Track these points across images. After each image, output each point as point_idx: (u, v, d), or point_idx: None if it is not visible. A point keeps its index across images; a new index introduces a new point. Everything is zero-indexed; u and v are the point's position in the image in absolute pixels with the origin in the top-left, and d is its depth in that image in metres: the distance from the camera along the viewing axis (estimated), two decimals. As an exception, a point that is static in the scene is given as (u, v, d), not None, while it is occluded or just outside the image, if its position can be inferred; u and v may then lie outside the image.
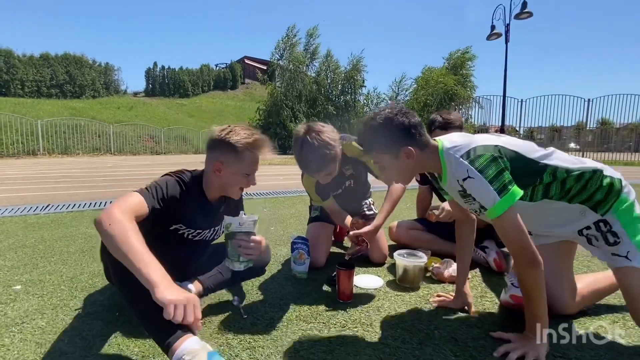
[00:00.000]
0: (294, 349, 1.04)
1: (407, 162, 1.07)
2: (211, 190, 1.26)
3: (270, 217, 2.93)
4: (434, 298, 1.35)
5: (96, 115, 18.77)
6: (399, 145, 1.05)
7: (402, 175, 1.14)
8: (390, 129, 1.04)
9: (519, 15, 10.30)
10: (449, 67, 16.70)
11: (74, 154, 14.61)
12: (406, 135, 1.04)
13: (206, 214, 1.29)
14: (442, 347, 1.05)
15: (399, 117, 1.04)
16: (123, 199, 1.01)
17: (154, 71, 31.10)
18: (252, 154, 1.20)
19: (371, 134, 1.08)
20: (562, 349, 1.03)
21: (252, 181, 1.26)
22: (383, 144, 1.07)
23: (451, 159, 1.03)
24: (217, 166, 1.20)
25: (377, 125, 1.06)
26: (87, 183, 5.75)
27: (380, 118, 1.06)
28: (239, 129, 1.20)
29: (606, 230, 1.07)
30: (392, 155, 1.07)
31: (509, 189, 0.95)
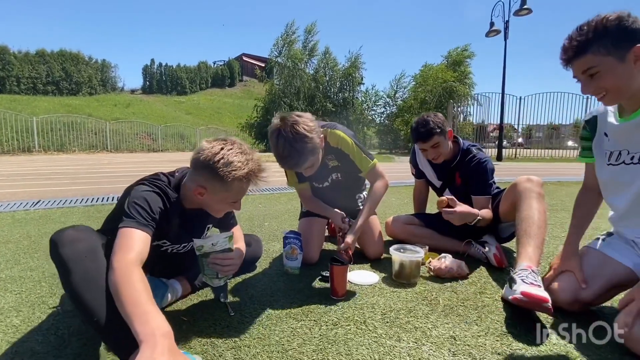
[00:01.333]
0: (282, 348, 0.98)
1: (632, 69, 0.94)
2: (190, 201, 1.13)
3: (264, 213, 2.87)
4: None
5: (93, 112, 18.61)
6: (629, 45, 0.92)
7: (619, 85, 0.97)
8: (623, 27, 0.92)
9: (518, 12, 10.23)
10: (448, 64, 16.65)
11: (69, 151, 14.49)
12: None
13: (189, 226, 1.19)
14: (440, 345, 0.99)
15: (632, 18, 0.92)
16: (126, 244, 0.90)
17: (151, 68, 30.91)
18: (242, 184, 1.05)
19: (593, 32, 0.94)
20: (563, 348, 0.98)
21: (237, 207, 1.14)
22: (609, 43, 0.93)
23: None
24: (199, 190, 1.06)
25: (604, 23, 0.93)
26: (81, 179, 5.67)
27: (609, 16, 0.93)
28: (233, 155, 1.02)
29: None
30: (618, 58, 0.93)
31: None
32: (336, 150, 1.60)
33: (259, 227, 2.40)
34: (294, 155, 1.31)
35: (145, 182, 1.07)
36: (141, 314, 0.75)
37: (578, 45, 0.97)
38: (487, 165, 1.72)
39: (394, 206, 3.18)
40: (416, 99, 16.26)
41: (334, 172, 1.73)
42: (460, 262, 1.51)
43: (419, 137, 1.69)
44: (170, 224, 1.10)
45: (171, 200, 1.08)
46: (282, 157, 1.32)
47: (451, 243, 1.77)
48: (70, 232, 0.94)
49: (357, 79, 18.09)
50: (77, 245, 0.91)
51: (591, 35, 0.94)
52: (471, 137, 13.84)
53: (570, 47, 0.98)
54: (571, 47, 0.98)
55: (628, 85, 0.98)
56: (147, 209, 0.99)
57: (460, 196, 1.82)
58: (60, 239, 0.91)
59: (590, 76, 0.98)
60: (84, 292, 0.84)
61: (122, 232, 0.92)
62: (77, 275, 0.86)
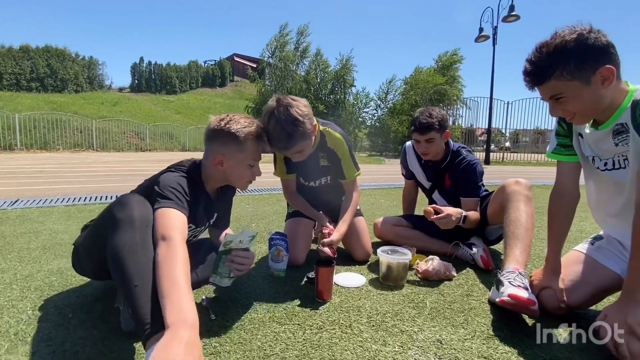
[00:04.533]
0: (263, 353, 0.94)
1: (600, 90, 0.89)
2: (211, 183, 1.20)
3: (252, 214, 2.82)
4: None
5: (78, 110, 18.18)
6: (595, 66, 0.87)
7: (587, 109, 0.93)
8: (584, 47, 0.86)
9: (506, 18, 10.43)
10: (438, 68, 16.87)
11: (53, 150, 14.11)
12: (605, 54, 0.87)
13: (209, 208, 1.23)
14: (426, 349, 0.97)
15: (594, 34, 0.86)
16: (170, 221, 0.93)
17: (140, 66, 30.38)
18: (255, 143, 1.14)
19: (553, 57, 0.89)
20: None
21: (257, 172, 1.21)
22: (573, 66, 0.87)
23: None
24: (218, 159, 1.13)
25: (563, 44, 0.87)
26: (64, 178, 5.51)
27: (567, 37, 0.87)
28: (239, 117, 1.13)
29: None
30: (583, 81, 0.89)
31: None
32: (330, 151, 1.60)
33: (246, 228, 2.35)
34: (283, 138, 1.28)
35: (172, 169, 1.11)
36: (177, 297, 0.77)
37: (540, 71, 0.92)
38: (477, 168, 1.72)
39: (383, 208, 3.17)
40: (407, 101, 16.41)
41: (324, 174, 1.70)
42: (447, 265, 1.50)
43: (418, 128, 1.69)
44: (198, 206, 1.14)
45: (197, 184, 1.13)
46: (271, 138, 1.29)
47: (439, 245, 1.76)
48: (139, 198, 0.97)
49: (349, 81, 18.13)
50: (144, 212, 0.93)
51: (552, 59, 0.89)
52: (460, 141, 14.03)
53: (532, 72, 0.94)
54: (533, 73, 0.94)
55: (596, 107, 0.94)
56: (182, 192, 1.02)
57: (449, 198, 1.82)
58: (130, 201, 0.94)
59: (557, 100, 0.94)
60: (130, 255, 0.86)
61: (163, 212, 0.94)
62: (131, 238, 0.88)
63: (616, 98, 0.93)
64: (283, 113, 1.26)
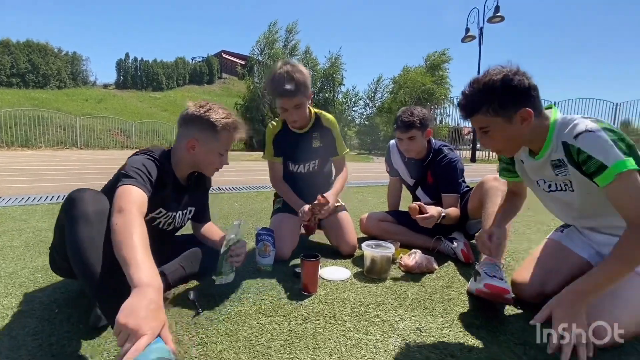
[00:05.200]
0: (249, 343, 0.97)
1: (520, 128, 0.98)
2: (180, 167, 1.23)
3: (240, 211, 2.83)
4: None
5: (61, 107, 17.69)
6: (515, 108, 0.95)
7: (511, 143, 1.03)
8: (509, 89, 0.94)
9: (491, 19, 10.63)
10: (427, 68, 17.06)
11: (35, 147, 13.71)
12: (525, 98, 0.95)
13: (179, 194, 1.26)
14: (406, 337, 1.02)
15: (518, 77, 0.94)
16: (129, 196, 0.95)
17: (125, 62, 29.72)
18: (230, 134, 1.20)
19: (482, 95, 0.97)
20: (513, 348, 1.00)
21: (225, 161, 1.26)
22: (497, 105, 0.96)
23: (564, 122, 0.97)
24: (191, 143, 1.17)
25: (490, 84, 0.95)
26: (47, 176, 5.39)
27: (495, 77, 0.95)
28: (218, 107, 1.19)
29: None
30: (506, 119, 0.97)
31: (634, 154, 0.88)
32: (325, 129, 1.77)
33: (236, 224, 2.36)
34: (291, 82, 1.50)
35: (138, 153, 1.13)
36: (138, 261, 0.78)
37: (469, 105, 1.02)
38: (457, 165, 1.78)
39: (370, 204, 3.22)
40: (395, 100, 16.56)
41: (314, 157, 1.79)
42: (429, 258, 1.55)
43: (400, 126, 1.75)
44: (165, 190, 1.16)
45: (165, 168, 1.15)
46: (281, 82, 1.50)
47: (422, 239, 1.82)
48: (91, 192, 0.97)
49: (338, 80, 18.20)
50: (97, 205, 0.94)
51: (480, 96, 0.98)
52: (447, 140, 14.25)
53: (463, 106, 1.04)
54: (463, 106, 1.04)
55: (518, 142, 1.04)
56: (145, 172, 1.05)
57: (431, 194, 1.87)
58: (81, 196, 0.94)
59: (484, 132, 1.04)
60: (90, 251, 0.87)
61: (123, 189, 0.96)
62: (87, 233, 0.89)
63: (539, 133, 1.02)
64: (292, 66, 1.54)
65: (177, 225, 1.35)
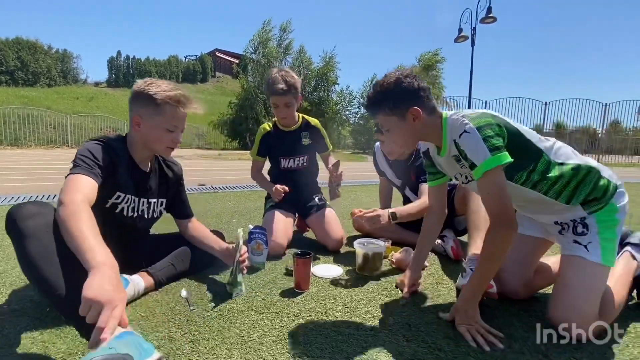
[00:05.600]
0: (241, 339, 0.98)
1: (413, 126, 1.07)
2: (136, 149, 1.21)
3: (233, 210, 2.84)
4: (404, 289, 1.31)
5: (52, 105, 17.46)
6: (406, 106, 1.05)
7: (406, 139, 1.13)
8: (400, 89, 1.05)
9: (484, 19, 10.72)
10: (421, 68, 17.17)
11: (25, 146, 13.50)
12: (414, 97, 1.05)
13: (141, 179, 1.25)
14: (395, 332, 1.04)
15: (408, 79, 1.05)
16: (72, 185, 0.95)
17: (117, 60, 29.42)
18: (174, 108, 1.14)
19: (380, 95, 1.07)
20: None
21: (177, 139, 1.20)
22: (391, 104, 1.06)
23: (453, 122, 1.05)
24: (136, 120, 1.15)
25: (386, 86, 1.06)
26: (36, 176, 5.32)
27: (389, 79, 1.06)
28: (161, 82, 1.16)
29: (579, 222, 1.08)
30: (399, 117, 1.07)
31: (501, 150, 0.95)
32: (313, 128, 1.94)
33: (226, 224, 2.37)
34: (284, 83, 1.72)
35: (90, 139, 1.14)
36: (90, 246, 0.79)
37: (371, 105, 1.11)
38: None
39: (364, 203, 3.25)
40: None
41: (304, 153, 1.91)
42: (420, 255, 1.58)
43: (379, 129, 1.78)
44: (118, 172, 1.14)
45: (115, 149, 1.14)
46: (276, 82, 1.72)
47: (413, 237, 1.84)
48: (29, 206, 0.94)
49: (332, 79, 18.20)
50: (37, 219, 0.90)
51: (379, 97, 1.08)
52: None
53: (367, 106, 1.13)
54: (368, 107, 1.13)
55: (413, 137, 1.13)
56: (91, 157, 1.04)
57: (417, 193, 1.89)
58: (19, 213, 0.91)
59: (387, 131, 1.13)
60: (44, 265, 0.85)
61: (69, 179, 0.97)
62: (36, 249, 0.87)
63: (434, 130, 1.10)
64: (285, 71, 1.77)
65: (147, 215, 1.30)
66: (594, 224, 1.06)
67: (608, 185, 1.06)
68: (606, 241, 1.04)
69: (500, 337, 0.99)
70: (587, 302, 1.01)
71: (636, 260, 1.19)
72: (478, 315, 1.03)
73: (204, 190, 3.92)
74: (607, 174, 1.08)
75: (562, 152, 1.07)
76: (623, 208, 1.08)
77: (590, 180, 1.05)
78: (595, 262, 1.02)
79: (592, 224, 1.06)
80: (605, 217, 1.06)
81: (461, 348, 0.96)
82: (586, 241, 1.05)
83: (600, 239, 1.04)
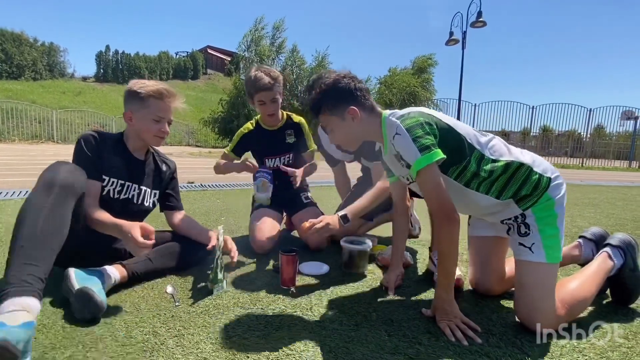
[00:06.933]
0: (226, 335, 0.99)
1: (353, 125, 1.11)
2: (130, 140, 1.37)
3: (222, 208, 2.83)
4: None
5: (37, 99, 17.04)
6: (345, 106, 1.09)
7: (349, 138, 1.17)
8: (337, 90, 1.09)
9: (474, 23, 10.89)
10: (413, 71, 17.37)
11: (9, 141, 13.15)
12: (351, 97, 1.10)
13: (131, 164, 1.36)
14: (378, 327, 1.06)
15: (345, 80, 1.10)
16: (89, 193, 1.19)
17: (106, 55, 28.78)
18: (157, 101, 1.29)
19: (319, 96, 1.12)
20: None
21: (163, 128, 1.33)
22: (331, 105, 1.11)
23: (390, 123, 1.08)
24: (128, 115, 1.31)
25: (324, 87, 1.10)
26: (21, 171, 5.20)
27: (327, 80, 1.10)
28: (147, 81, 1.32)
29: (520, 221, 1.11)
30: (339, 117, 1.11)
31: (431, 149, 0.98)
32: (296, 126, 1.91)
33: (215, 221, 2.37)
34: (269, 78, 1.69)
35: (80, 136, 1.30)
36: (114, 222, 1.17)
37: (313, 105, 1.15)
38: None
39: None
40: (381, 100, 16.76)
41: (288, 150, 1.89)
42: (405, 253, 1.61)
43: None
44: (105, 156, 1.29)
45: (105, 138, 1.31)
46: (260, 78, 1.68)
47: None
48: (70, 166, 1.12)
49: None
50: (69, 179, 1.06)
51: (320, 97, 1.12)
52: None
53: (311, 107, 1.16)
54: (311, 108, 1.16)
55: (355, 136, 1.16)
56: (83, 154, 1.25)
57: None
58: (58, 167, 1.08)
59: (330, 130, 1.17)
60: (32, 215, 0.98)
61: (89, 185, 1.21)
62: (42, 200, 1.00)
63: (374, 129, 1.14)
64: (267, 67, 1.74)
65: (135, 200, 1.37)
66: (534, 223, 1.08)
67: (539, 179, 1.07)
68: (548, 238, 1.06)
69: (478, 332, 1.02)
70: (542, 300, 1.04)
71: (612, 261, 1.23)
72: (456, 309, 1.07)
73: (192, 188, 3.89)
74: (541, 169, 1.09)
75: (496, 149, 1.09)
76: (560, 201, 1.09)
77: (520, 177, 1.07)
78: (541, 262, 1.06)
79: (532, 223, 1.08)
80: (542, 213, 1.08)
81: (440, 342, 0.99)
82: (529, 242, 1.08)
83: (542, 237, 1.06)
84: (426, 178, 1.01)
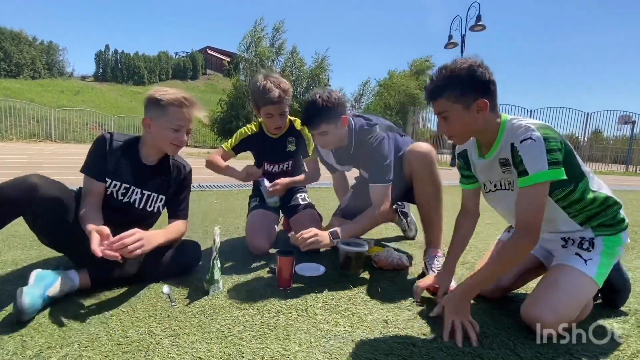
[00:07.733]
0: (221, 334, 1.00)
1: (476, 117, 1.04)
2: (146, 147, 1.35)
3: (219, 208, 2.83)
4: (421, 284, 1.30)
5: (35, 97, 17.03)
6: (475, 96, 1.02)
7: (467, 129, 1.09)
8: (472, 78, 1.01)
9: (473, 27, 10.95)
10: (412, 73, 17.43)
11: (6, 139, 13.12)
12: (484, 89, 1.02)
13: (137, 170, 1.34)
14: (373, 329, 1.07)
15: (482, 69, 1.01)
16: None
17: (105, 54, 28.82)
18: (177, 109, 1.26)
19: (446, 79, 1.03)
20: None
21: (181, 137, 1.30)
22: (458, 91, 1.02)
23: (515, 125, 1.04)
24: (146, 121, 1.29)
25: (458, 71, 1.02)
26: (18, 169, 5.18)
27: (462, 65, 1.02)
28: (168, 88, 1.30)
29: (587, 239, 1.11)
30: (464, 105, 1.03)
31: (558, 166, 0.96)
32: (297, 133, 1.86)
33: (212, 222, 2.37)
34: (279, 91, 1.64)
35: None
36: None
37: (434, 89, 1.07)
38: (382, 144, 1.50)
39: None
40: (380, 102, 16.82)
41: (288, 158, 1.88)
42: (401, 255, 1.62)
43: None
44: (111, 159, 1.30)
45: (116, 144, 1.31)
46: (270, 91, 1.62)
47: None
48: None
49: (323, 80, 18.27)
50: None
51: (445, 81, 1.04)
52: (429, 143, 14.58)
53: (429, 89, 1.10)
54: (429, 90, 1.10)
55: (472, 130, 1.11)
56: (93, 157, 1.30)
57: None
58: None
59: (443, 118, 1.10)
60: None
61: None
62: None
63: (491, 127, 1.09)
64: (277, 78, 1.67)
65: (137, 205, 1.34)
66: (600, 244, 1.09)
67: (623, 220, 1.12)
68: (604, 266, 1.07)
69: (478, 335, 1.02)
70: (567, 307, 1.04)
71: None
72: (468, 311, 1.06)
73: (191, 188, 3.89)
74: (622, 212, 1.13)
75: (596, 180, 1.11)
76: (624, 246, 1.13)
77: (611, 213, 1.10)
78: (589, 275, 1.05)
79: (599, 244, 1.09)
80: (610, 246, 1.09)
81: (434, 344, 0.99)
82: (588, 256, 1.08)
83: (601, 259, 1.07)
84: (538, 192, 0.98)
